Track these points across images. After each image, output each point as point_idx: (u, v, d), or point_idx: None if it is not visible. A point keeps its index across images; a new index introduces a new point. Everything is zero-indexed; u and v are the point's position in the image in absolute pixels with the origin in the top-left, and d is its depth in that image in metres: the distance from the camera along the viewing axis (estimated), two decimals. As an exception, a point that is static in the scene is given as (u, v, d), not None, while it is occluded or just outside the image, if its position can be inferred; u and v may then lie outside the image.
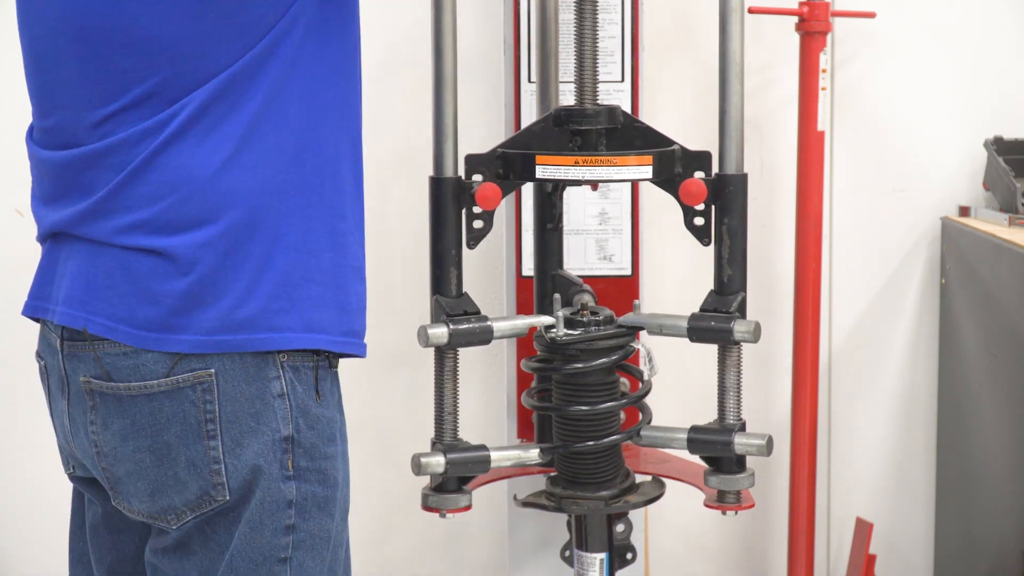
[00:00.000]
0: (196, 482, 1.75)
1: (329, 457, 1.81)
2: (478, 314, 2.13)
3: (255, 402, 1.75)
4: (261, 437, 1.75)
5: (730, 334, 2.10)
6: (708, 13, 2.61)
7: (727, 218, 2.12)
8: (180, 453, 1.74)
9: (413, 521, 3.29)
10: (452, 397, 2.17)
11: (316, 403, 1.79)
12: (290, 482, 1.77)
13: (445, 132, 2.13)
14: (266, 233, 1.74)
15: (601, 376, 2.18)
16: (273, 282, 1.75)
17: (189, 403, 1.73)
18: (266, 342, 1.74)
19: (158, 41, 1.71)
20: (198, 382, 1.73)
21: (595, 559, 2.30)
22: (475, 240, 2.14)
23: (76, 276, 1.78)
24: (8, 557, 3.36)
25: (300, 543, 1.78)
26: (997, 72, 3.26)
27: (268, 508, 1.76)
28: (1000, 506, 2.97)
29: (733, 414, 2.16)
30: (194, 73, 1.72)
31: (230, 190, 1.72)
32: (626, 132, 2.17)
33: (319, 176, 1.79)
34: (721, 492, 2.20)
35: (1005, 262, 2.90)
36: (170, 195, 1.72)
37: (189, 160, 1.72)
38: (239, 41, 1.72)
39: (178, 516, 1.77)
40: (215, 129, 1.72)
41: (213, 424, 1.74)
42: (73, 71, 1.77)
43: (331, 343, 1.80)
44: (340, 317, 1.81)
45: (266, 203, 1.74)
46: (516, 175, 2.14)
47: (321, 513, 1.80)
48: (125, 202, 1.73)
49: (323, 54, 1.79)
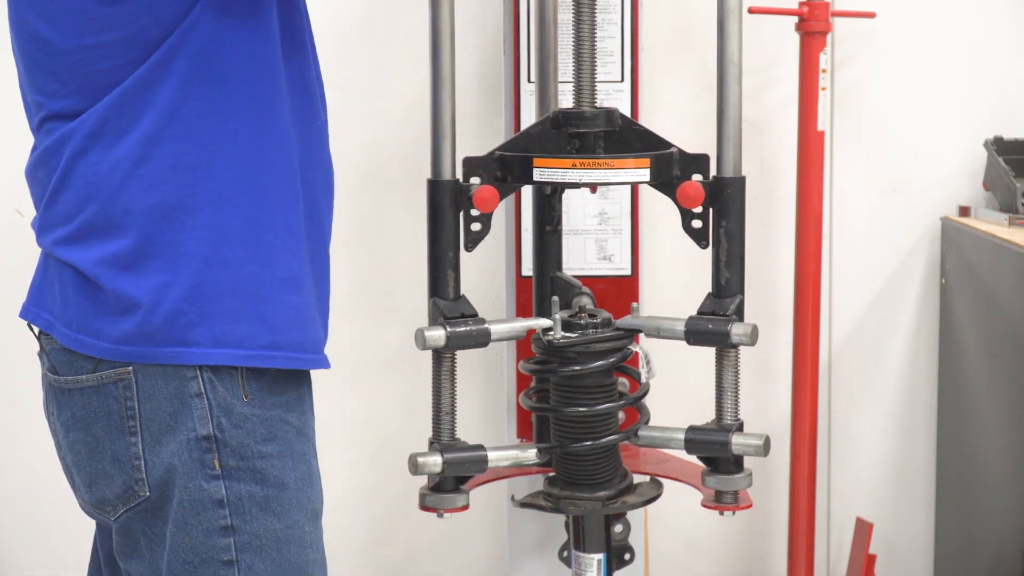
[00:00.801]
0: (120, 476, 1.78)
1: (266, 456, 1.79)
2: (475, 317, 2.14)
3: (173, 401, 1.75)
4: (178, 436, 1.75)
5: (727, 337, 2.11)
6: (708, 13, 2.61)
7: (725, 221, 2.12)
8: (107, 447, 1.78)
9: (412, 521, 3.29)
10: (450, 398, 2.17)
11: (243, 402, 1.78)
12: (216, 481, 1.76)
13: (443, 134, 2.13)
14: (170, 248, 1.74)
15: (599, 378, 2.19)
16: (179, 296, 1.74)
17: (112, 399, 1.76)
18: (173, 356, 1.74)
19: (57, 55, 1.75)
20: (119, 379, 1.75)
21: (593, 559, 2.31)
22: (473, 243, 2.14)
23: (36, 274, 1.86)
24: (8, 557, 3.37)
25: (245, 545, 1.77)
26: (997, 72, 3.26)
27: (192, 508, 1.76)
28: (1000, 506, 2.97)
29: (731, 414, 2.17)
30: (90, 88, 1.74)
31: (129, 207, 1.74)
32: (624, 135, 2.17)
33: (236, 187, 1.77)
34: (719, 492, 2.20)
35: (1005, 262, 2.90)
36: (80, 212, 1.76)
37: (93, 178, 1.75)
38: (128, 54, 1.73)
39: (113, 508, 1.80)
40: (115, 145, 1.74)
41: (134, 421, 1.76)
42: (22, 75, 1.84)
43: (246, 358, 1.77)
44: (259, 330, 1.78)
45: (168, 217, 1.74)
46: (514, 178, 2.14)
47: (264, 513, 1.78)
48: (52, 218, 1.79)
49: (234, 63, 1.77)
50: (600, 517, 2.30)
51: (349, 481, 3.31)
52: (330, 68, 3.14)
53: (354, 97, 3.21)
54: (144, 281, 1.74)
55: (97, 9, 1.71)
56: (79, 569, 2.09)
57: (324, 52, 3.13)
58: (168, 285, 1.74)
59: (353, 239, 3.24)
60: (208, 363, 1.75)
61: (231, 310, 1.76)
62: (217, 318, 1.76)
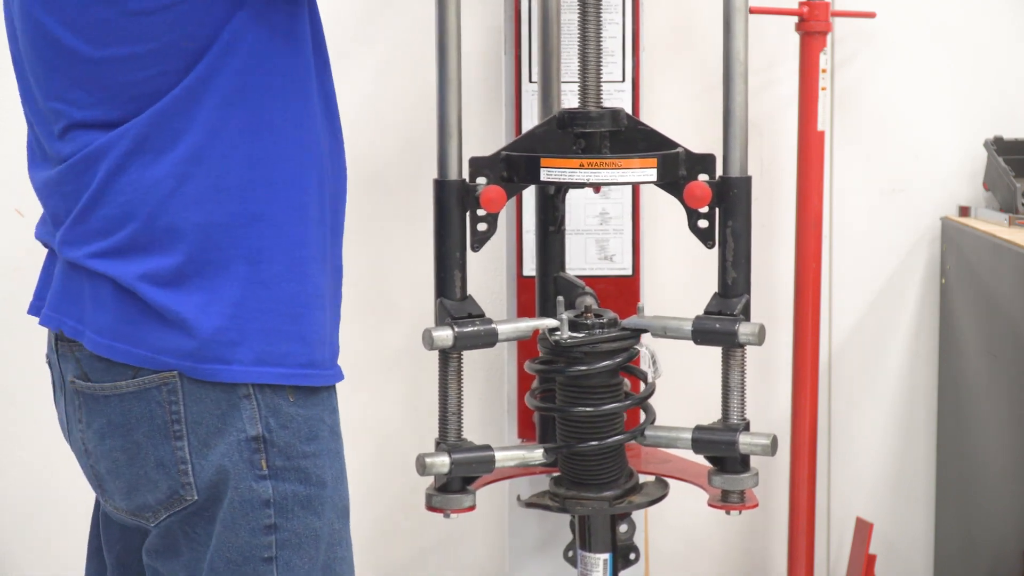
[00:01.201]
0: (165, 481, 1.76)
1: (310, 456, 1.79)
2: (482, 317, 2.14)
3: (221, 403, 1.74)
4: (227, 437, 1.74)
5: (735, 337, 2.11)
6: (709, 13, 2.61)
7: (731, 221, 2.13)
8: (149, 453, 1.75)
9: (413, 521, 3.29)
10: (456, 398, 2.17)
11: (289, 402, 1.78)
12: (265, 481, 1.76)
13: (449, 134, 2.13)
14: (212, 266, 1.73)
15: (605, 378, 2.19)
16: (220, 314, 1.73)
17: (155, 404, 1.74)
18: (214, 373, 1.73)
19: (87, 64, 1.72)
20: (163, 383, 1.73)
21: (599, 559, 2.31)
22: (479, 243, 2.14)
23: (56, 282, 1.82)
24: (8, 557, 3.36)
25: (285, 542, 1.77)
26: (997, 72, 3.26)
27: (242, 508, 1.75)
28: (1000, 506, 2.97)
29: (737, 414, 2.17)
30: (125, 101, 1.72)
31: (173, 225, 1.72)
32: (630, 134, 2.17)
33: (272, 206, 1.76)
34: (725, 492, 2.21)
35: (1005, 262, 2.91)
36: (119, 229, 1.73)
37: (132, 195, 1.72)
38: (161, 68, 1.71)
39: (154, 514, 1.78)
40: (155, 163, 1.72)
41: (179, 425, 1.74)
42: (35, 84, 1.79)
43: (285, 376, 1.77)
44: (299, 349, 1.78)
45: (212, 236, 1.73)
46: (520, 178, 2.14)
47: (305, 512, 1.79)
48: (84, 233, 1.76)
49: (271, 82, 1.76)
50: (606, 517, 2.30)
51: (350, 481, 3.30)
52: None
53: (354, 99, 3.20)
54: (186, 298, 1.73)
55: (123, 20, 1.69)
56: (79, 569, 2.08)
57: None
58: (210, 303, 1.73)
59: (353, 240, 3.21)
60: (248, 381, 1.75)
61: (271, 329, 1.76)
62: (257, 337, 1.75)
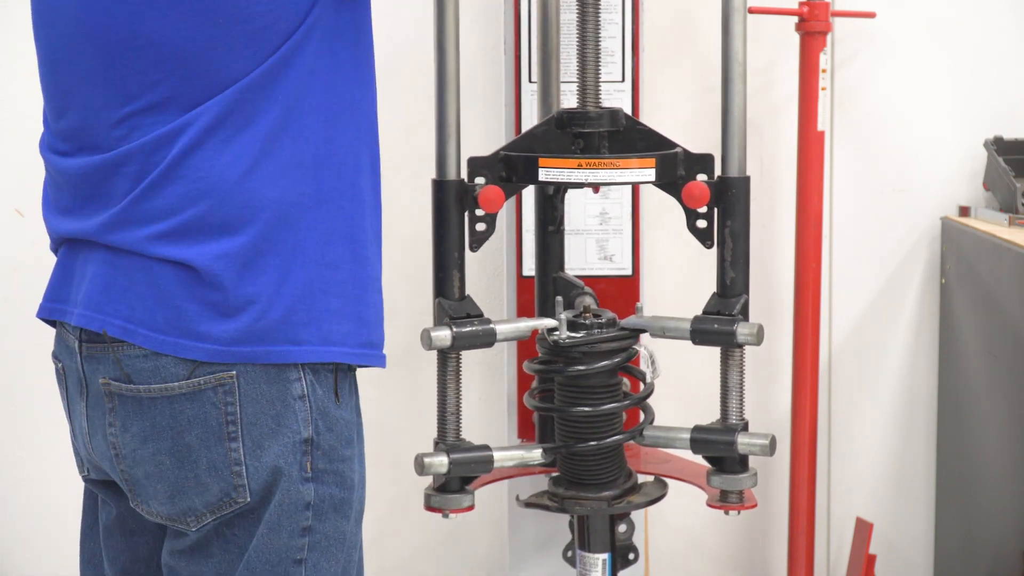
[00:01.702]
0: (217, 484, 1.75)
1: (347, 459, 1.82)
2: (481, 317, 2.13)
3: (276, 404, 1.75)
4: (282, 439, 1.75)
5: (733, 337, 2.11)
6: (708, 13, 2.61)
7: (730, 221, 2.12)
8: (201, 455, 1.75)
9: (413, 521, 3.29)
10: (455, 398, 2.17)
11: (335, 405, 1.80)
12: (308, 484, 1.78)
13: (447, 134, 2.13)
14: (285, 246, 1.75)
15: (604, 378, 2.19)
16: (292, 295, 1.75)
17: (210, 405, 1.74)
18: (284, 355, 1.75)
19: (169, 46, 1.71)
20: (219, 384, 1.73)
21: (598, 559, 2.30)
22: (478, 243, 2.14)
23: (95, 280, 1.78)
24: (8, 557, 3.36)
25: (315, 544, 1.79)
26: (997, 72, 3.26)
27: (287, 510, 1.77)
28: (1000, 506, 2.97)
29: (736, 414, 2.17)
30: (207, 81, 1.71)
31: (250, 203, 1.73)
32: (629, 135, 2.17)
33: (338, 188, 1.78)
34: (724, 492, 2.20)
35: (1005, 262, 2.91)
36: (190, 207, 1.72)
37: (208, 172, 1.72)
38: (252, 50, 1.71)
39: (198, 518, 1.77)
40: (233, 140, 1.72)
41: (234, 426, 1.74)
42: (88, 73, 1.77)
43: (349, 355, 1.81)
44: (359, 329, 1.81)
45: (286, 215, 1.74)
46: (519, 178, 2.14)
47: (337, 515, 1.81)
48: (147, 212, 1.74)
49: (339, 64, 1.78)
50: (605, 517, 2.29)
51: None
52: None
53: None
54: (261, 278, 1.74)
55: (224, 2, 1.70)
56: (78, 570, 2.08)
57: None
58: (283, 283, 1.74)
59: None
60: (316, 360, 1.77)
61: (335, 309, 1.78)
62: (324, 317, 1.77)
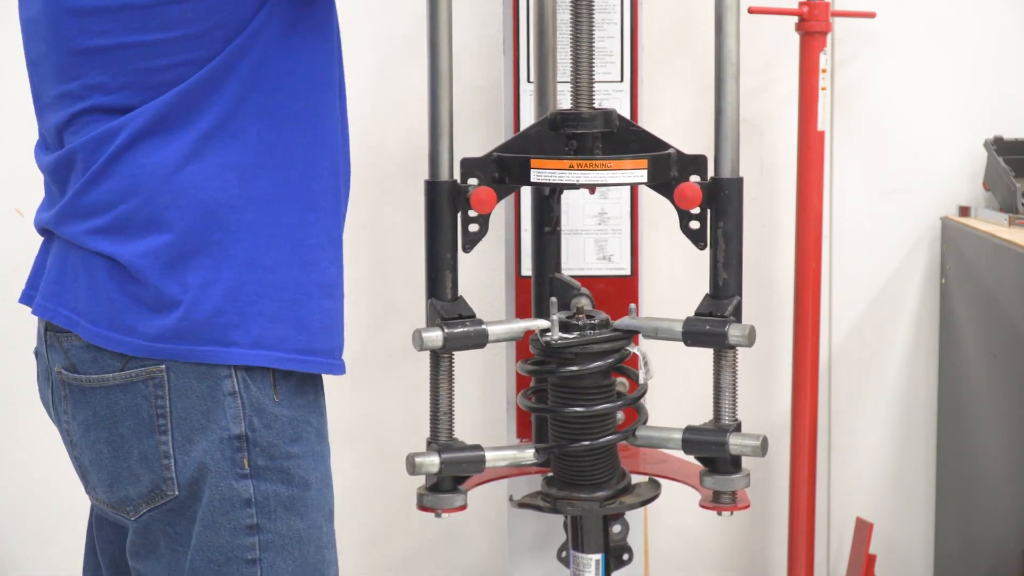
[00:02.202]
0: (148, 475, 1.77)
1: (294, 456, 1.80)
2: (473, 318, 2.13)
3: (206, 399, 1.75)
4: (211, 435, 1.76)
5: (725, 338, 2.11)
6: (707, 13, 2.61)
7: (722, 222, 2.12)
8: (133, 446, 1.77)
9: (411, 521, 3.29)
10: (447, 398, 2.17)
11: (274, 403, 1.79)
12: (246, 480, 1.77)
13: (440, 134, 2.13)
14: (216, 247, 1.75)
15: (596, 379, 2.19)
16: (221, 296, 1.75)
17: (142, 398, 1.75)
18: (211, 355, 1.75)
19: (109, 53, 1.73)
20: (150, 377, 1.75)
21: (591, 560, 2.30)
22: (470, 244, 2.14)
23: (51, 270, 1.83)
24: (8, 557, 3.37)
25: (268, 544, 1.78)
26: (997, 72, 3.26)
27: (221, 506, 1.76)
28: (1000, 506, 2.97)
29: (728, 415, 2.17)
30: (147, 84, 1.73)
31: (177, 202, 1.73)
32: (622, 136, 2.17)
33: (282, 191, 1.78)
34: (717, 492, 2.20)
35: (1005, 262, 2.90)
36: (121, 203, 1.75)
37: (140, 170, 1.74)
38: (190, 56, 1.72)
39: (135, 508, 1.79)
40: (168, 141, 1.74)
41: (164, 419, 1.75)
42: (49, 76, 1.81)
43: (281, 360, 1.79)
44: (296, 335, 1.79)
45: (215, 216, 1.75)
46: (512, 179, 2.14)
47: (289, 513, 1.79)
48: (86, 207, 1.77)
49: (292, 69, 1.78)
50: (598, 517, 2.29)
51: (349, 481, 3.31)
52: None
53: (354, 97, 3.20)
54: (187, 278, 1.74)
55: (156, 8, 1.71)
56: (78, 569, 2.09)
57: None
58: (211, 283, 1.74)
59: (353, 239, 3.23)
60: (243, 363, 1.76)
61: (269, 313, 1.78)
62: (255, 320, 1.77)
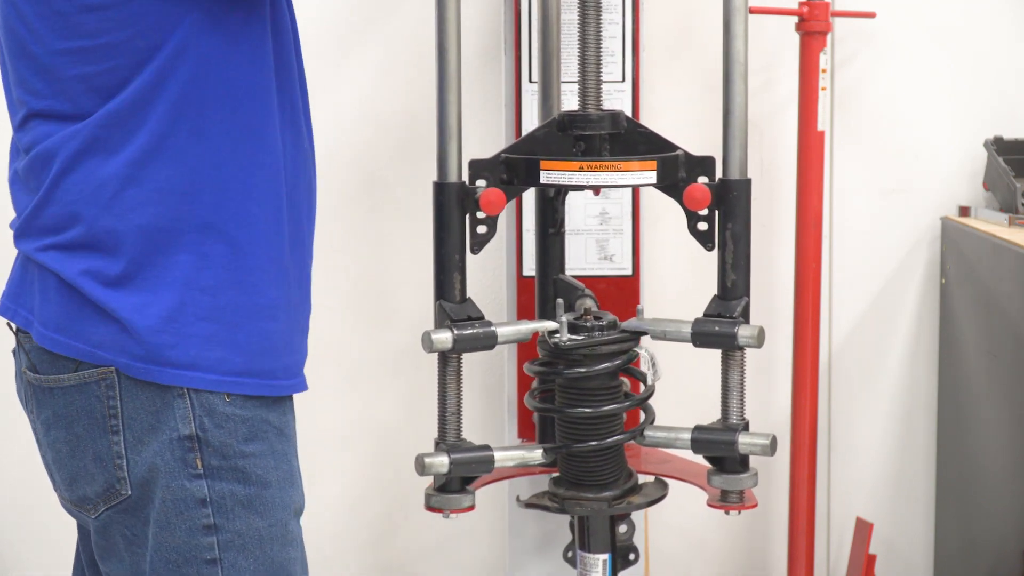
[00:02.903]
0: (102, 475, 1.78)
1: (248, 456, 1.79)
2: (482, 319, 2.14)
3: (155, 400, 1.76)
4: (161, 435, 1.76)
5: (734, 339, 2.11)
6: (709, 13, 2.61)
7: (731, 223, 2.13)
8: (88, 446, 1.78)
9: (412, 521, 3.29)
10: (455, 399, 2.18)
11: (225, 402, 1.78)
12: (199, 480, 1.77)
13: (448, 136, 2.13)
14: (154, 269, 1.75)
15: (604, 380, 2.19)
16: (158, 317, 1.75)
17: (95, 398, 1.76)
18: (146, 372, 1.75)
19: (40, 54, 1.75)
20: (102, 378, 1.76)
21: (598, 560, 2.31)
22: (479, 245, 2.14)
23: (13, 272, 1.87)
24: (8, 556, 3.36)
25: (228, 543, 1.78)
26: (997, 72, 3.26)
27: (175, 507, 1.76)
28: (1000, 506, 2.97)
29: (736, 414, 2.17)
30: (70, 90, 1.74)
31: (117, 228, 1.74)
32: (630, 137, 2.17)
33: (219, 213, 1.77)
34: (724, 492, 2.21)
35: (1005, 262, 2.91)
36: (68, 228, 1.76)
37: (79, 196, 1.75)
38: (108, 62, 1.72)
39: (94, 506, 1.80)
40: (104, 164, 1.74)
41: (116, 420, 1.76)
42: (9, 75, 1.83)
43: (216, 383, 1.78)
44: (232, 357, 1.78)
45: (154, 240, 1.75)
46: (520, 180, 2.14)
47: (247, 511, 1.79)
48: (37, 228, 1.79)
49: (229, 90, 1.77)
50: (605, 518, 2.30)
51: (350, 481, 3.31)
52: (328, 70, 3.16)
53: (353, 99, 3.21)
54: (125, 299, 1.75)
55: (75, 15, 1.71)
56: (79, 569, 2.09)
57: (322, 53, 3.14)
58: (148, 305, 1.75)
59: (353, 241, 3.24)
60: (180, 385, 1.76)
61: (207, 335, 1.77)
62: (192, 342, 1.76)
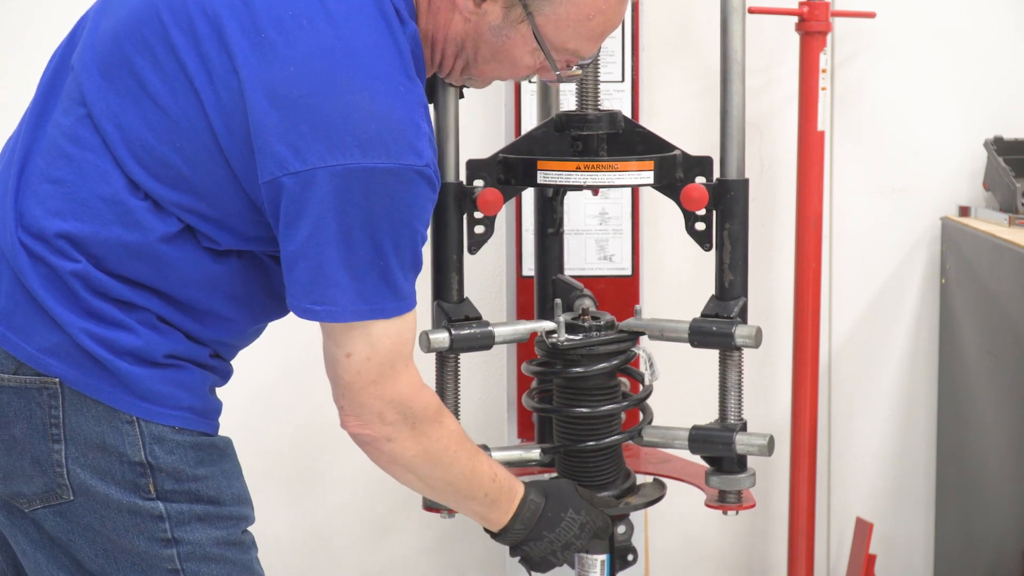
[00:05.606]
0: (41, 479, 1.75)
1: (201, 479, 1.80)
2: (479, 319, 2.14)
3: (102, 422, 1.74)
4: (109, 455, 1.75)
5: (732, 339, 2.11)
6: (708, 13, 2.61)
7: (728, 223, 2.12)
8: (26, 449, 1.75)
9: (412, 521, 3.29)
10: (453, 398, 2.17)
11: (174, 431, 1.78)
12: (153, 501, 1.76)
13: (446, 137, 2.13)
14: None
15: (602, 379, 2.19)
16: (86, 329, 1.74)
17: (35, 404, 1.74)
18: (81, 384, 1.74)
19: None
20: (44, 387, 1.74)
21: (596, 560, 2.30)
22: (476, 245, 2.14)
23: None
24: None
25: (190, 555, 1.79)
26: (997, 72, 3.26)
27: (131, 519, 1.76)
28: (1000, 506, 2.97)
29: (734, 414, 2.17)
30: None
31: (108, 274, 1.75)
32: (627, 137, 2.17)
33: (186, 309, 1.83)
34: (722, 492, 2.21)
35: (1005, 262, 2.91)
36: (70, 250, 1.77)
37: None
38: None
39: (29, 502, 1.77)
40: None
41: (57, 429, 1.74)
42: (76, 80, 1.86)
43: (166, 416, 1.78)
44: (179, 394, 1.80)
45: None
46: (518, 180, 2.14)
47: (204, 525, 1.80)
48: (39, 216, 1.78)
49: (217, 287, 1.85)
50: (604, 518, 2.29)
51: (350, 481, 3.31)
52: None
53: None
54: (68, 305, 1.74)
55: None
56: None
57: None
58: (84, 315, 1.74)
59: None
60: (130, 412, 1.75)
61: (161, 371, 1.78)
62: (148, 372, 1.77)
